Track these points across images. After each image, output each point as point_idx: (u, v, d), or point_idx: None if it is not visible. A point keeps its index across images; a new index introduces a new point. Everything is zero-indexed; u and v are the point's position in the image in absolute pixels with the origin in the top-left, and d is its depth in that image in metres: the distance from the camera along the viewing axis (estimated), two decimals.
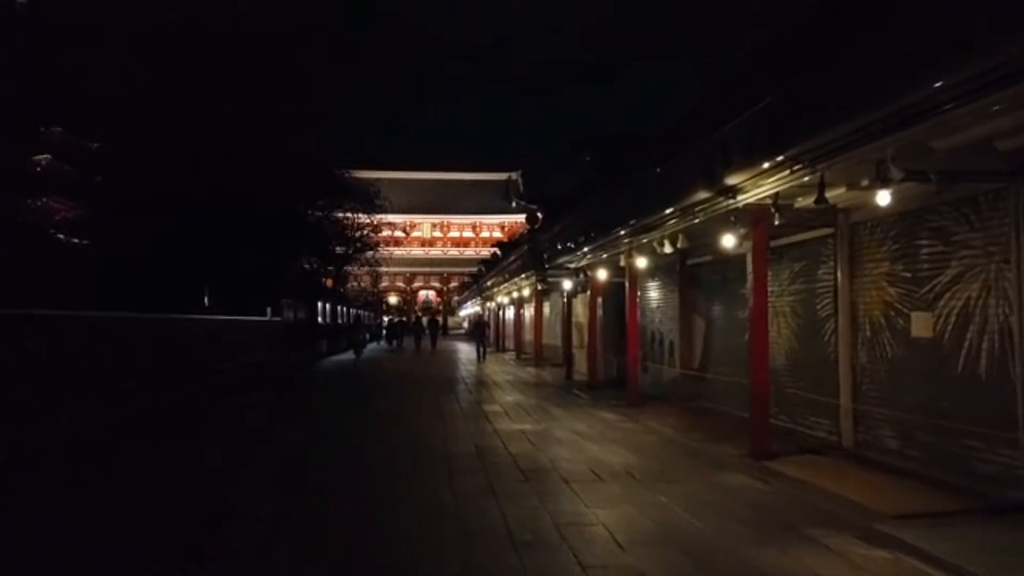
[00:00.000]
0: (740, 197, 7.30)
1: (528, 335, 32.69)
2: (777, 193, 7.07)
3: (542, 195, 20.29)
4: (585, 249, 14.37)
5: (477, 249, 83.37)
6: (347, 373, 24.10)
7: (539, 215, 19.77)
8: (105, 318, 13.27)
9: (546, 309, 27.49)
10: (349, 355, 33.70)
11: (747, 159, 6.56)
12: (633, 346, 13.85)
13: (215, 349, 17.79)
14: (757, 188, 7.02)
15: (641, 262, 12.41)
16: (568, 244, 14.64)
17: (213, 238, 21.35)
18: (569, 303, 20.08)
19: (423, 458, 8.39)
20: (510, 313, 37.28)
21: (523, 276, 24.08)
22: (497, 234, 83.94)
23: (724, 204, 7.68)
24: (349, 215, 43.56)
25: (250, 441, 9.99)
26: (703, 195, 7.75)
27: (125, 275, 19.33)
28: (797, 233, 9.51)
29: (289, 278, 29.59)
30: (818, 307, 9.41)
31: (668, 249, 10.31)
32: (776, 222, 7.22)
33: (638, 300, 16.63)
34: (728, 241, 8.03)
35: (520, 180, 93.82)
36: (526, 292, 24.32)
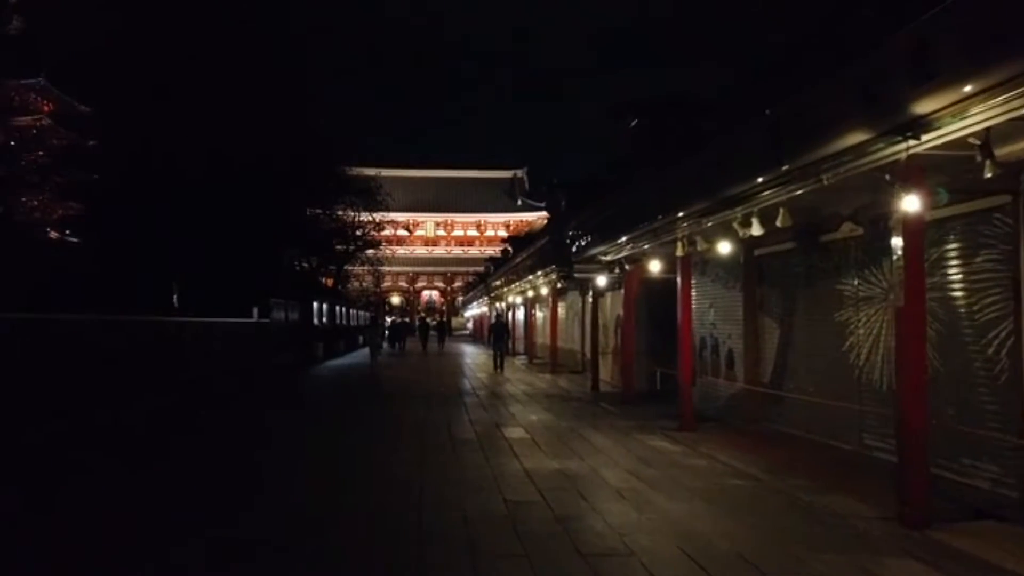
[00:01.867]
0: (926, 137, 4.73)
1: (541, 338, 30.14)
2: (988, 129, 4.52)
3: (561, 182, 17.66)
4: (623, 238, 11.78)
5: (482, 248, 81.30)
6: (343, 382, 21.55)
7: (562, 202, 17.18)
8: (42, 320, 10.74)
9: (560, 310, 24.94)
10: (346, 360, 31.19)
11: (971, 63, 3.98)
12: (687, 356, 11.28)
13: (188, 355, 15.24)
14: (961, 120, 4.46)
15: (703, 250, 9.83)
16: (604, 232, 12.09)
17: (190, 227, 18.85)
18: (595, 302, 17.50)
19: (432, 526, 5.82)
20: (520, 314, 34.70)
21: (539, 273, 21.51)
22: (502, 233, 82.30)
23: (888, 152, 5.12)
24: (349, 211, 41.41)
25: (195, 502, 7.44)
26: (854, 140, 5.17)
27: (92, 272, 16.89)
28: (943, 206, 6.92)
29: (280, 276, 27.03)
30: (975, 307, 6.83)
31: (756, 231, 7.74)
32: (988, 174, 4.64)
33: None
34: (911, 205, 5.39)
35: (526, 178, 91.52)
36: (543, 291, 21.73)
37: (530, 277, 24.00)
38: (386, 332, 45.76)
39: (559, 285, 20.08)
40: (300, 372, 23.31)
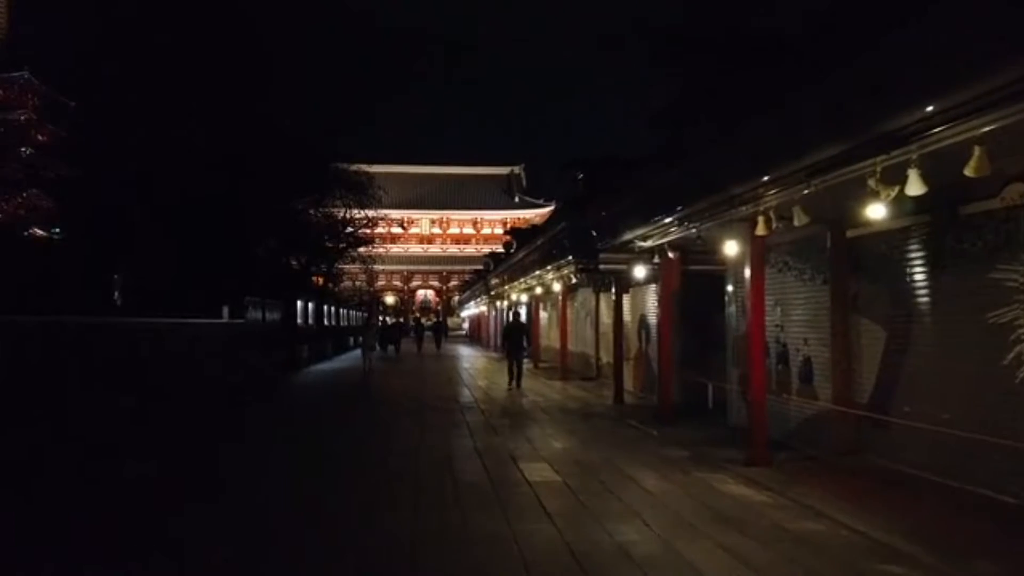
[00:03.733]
0: None
1: (547, 340, 27.56)
2: None
3: (578, 160, 15.00)
4: (676, 216, 9.17)
5: (478, 247, 79.23)
6: (327, 392, 18.97)
7: (579, 181, 14.55)
8: None
9: (568, 310, 22.38)
10: (335, 364, 28.58)
11: None
12: (759, 366, 8.70)
13: (132, 362, 12.61)
14: None
15: (800, 224, 7.23)
16: (646, 210, 9.52)
17: (146, 217, 16.26)
18: (618, 299, 14.93)
19: None
20: (523, 314, 32.05)
21: (549, 268, 18.91)
22: (499, 231, 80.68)
23: None
24: (339, 205, 38.95)
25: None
26: None
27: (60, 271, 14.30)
28: None
29: (258, 273, 24.40)
30: None
31: (915, 188, 5.18)
32: None
33: (735, 295, 11.57)
34: None
35: (523, 174, 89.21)
36: (556, 287, 19.12)
37: (537, 272, 21.41)
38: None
39: (573, 280, 17.50)
40: (279, 379, 20.71)
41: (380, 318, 62.34)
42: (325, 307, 35.27)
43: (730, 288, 11.81)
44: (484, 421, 12.06)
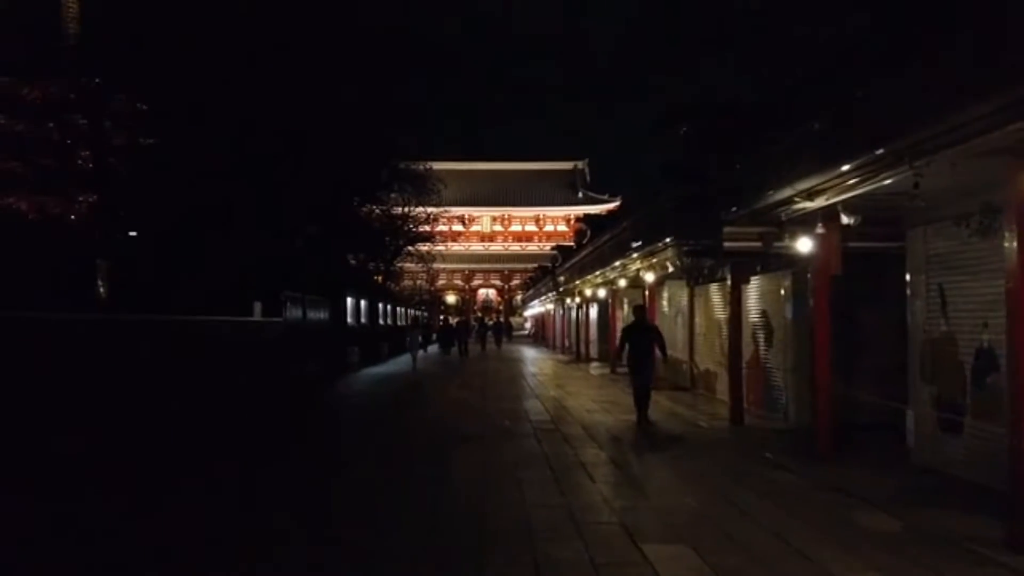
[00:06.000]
0: None
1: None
2: None
3: (689, 109, 11.55)
4: (889, 147, 5.87)
5: (541, 244, 76.55)
6: (368, 407, 16.15)
7: (683, 133, 11.18)
8: None
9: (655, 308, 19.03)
10: (389, 367, 25.92)
11: None
12: None
13: (115, 372, 9.93)
14: None
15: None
16: (841, 143, 6.21)
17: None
18: (736, 291, 11.58)
19: None
20: (593, 313, 28.74)
21: (636, 256, 15.56)
22: (562, 227, 78.08)
23: None
24: (398, 200, 36.92)
25: None
26: None
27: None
28: None
29: (303, 267, 21.82)
30: None
31: None
32: None
33: (926, 282, 8.13)
34: None
35: (587, 169, 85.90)
36: (649, 277, 15.73)
37: (617, 264, 18.13)
38: (433, 334, 40.91)
39: (670, 268, 14.17)
40: (319, 386, 18.01)
41: (442, 317, 60.04)
42: (380, 305, 32.70)
43: (915, 275, 8.37)
44: (571, 454, 8.88)
